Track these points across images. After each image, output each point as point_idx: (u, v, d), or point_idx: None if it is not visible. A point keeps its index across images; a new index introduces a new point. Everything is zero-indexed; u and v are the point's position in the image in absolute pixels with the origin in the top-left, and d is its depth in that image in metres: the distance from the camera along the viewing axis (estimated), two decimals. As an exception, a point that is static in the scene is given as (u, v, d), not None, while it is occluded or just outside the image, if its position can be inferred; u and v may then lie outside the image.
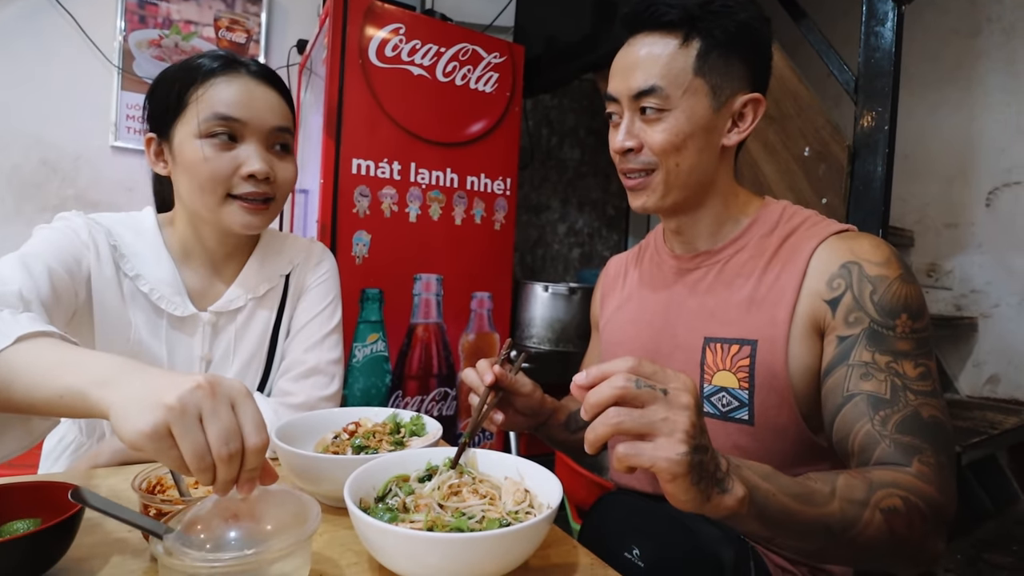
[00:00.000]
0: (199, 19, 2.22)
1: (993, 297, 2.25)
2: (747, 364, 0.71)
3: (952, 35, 2.39)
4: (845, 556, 0.58)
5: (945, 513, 0.57)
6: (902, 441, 0.59)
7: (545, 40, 2.27)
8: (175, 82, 0.81)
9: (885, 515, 0.54)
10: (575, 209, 2.99)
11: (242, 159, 0.80)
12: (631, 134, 0.74)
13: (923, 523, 0.55)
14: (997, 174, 2.26)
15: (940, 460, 0.59)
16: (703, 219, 0.79)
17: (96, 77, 2.08)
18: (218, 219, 0.82)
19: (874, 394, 0.62)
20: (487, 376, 0.73)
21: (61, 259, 0.75)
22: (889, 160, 1.37)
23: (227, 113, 0.79)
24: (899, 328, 0.64)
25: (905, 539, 0.54)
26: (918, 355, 0.64)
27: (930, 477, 0.57)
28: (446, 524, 0.52)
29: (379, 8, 1.81)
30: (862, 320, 0.65)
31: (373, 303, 1.83)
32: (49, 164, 2.03)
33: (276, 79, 0.86)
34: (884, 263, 0.67)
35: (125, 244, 0.83)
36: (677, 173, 0.74)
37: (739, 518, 0.50)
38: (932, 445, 0.59)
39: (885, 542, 0.54)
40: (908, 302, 0.65)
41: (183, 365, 0.86)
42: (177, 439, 0.43)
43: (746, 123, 0.75)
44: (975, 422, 1.86)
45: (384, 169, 1.83)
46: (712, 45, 0.71)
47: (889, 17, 1.36)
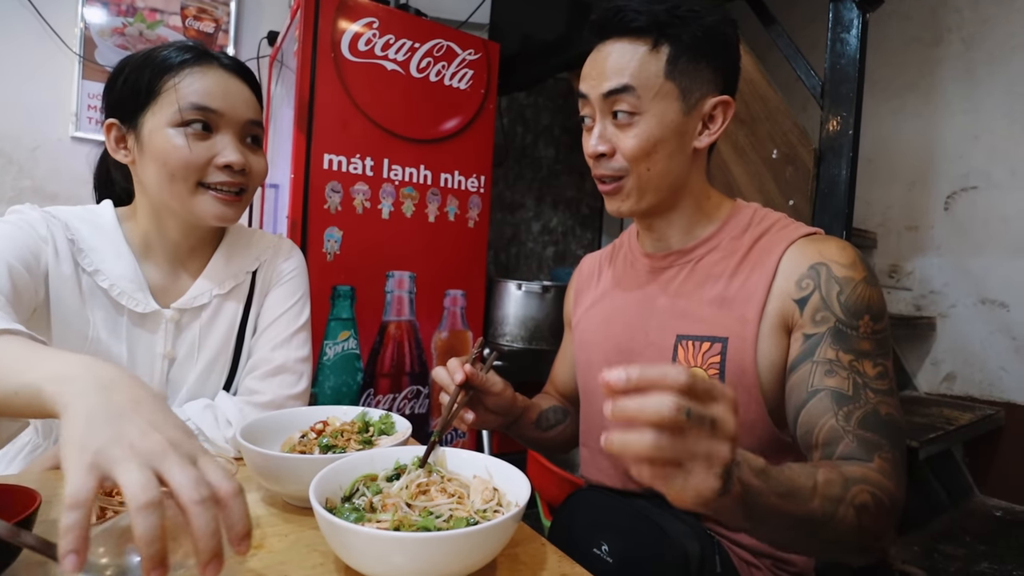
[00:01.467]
0: (165, 7, 2.15)
1: (950, 298, 2.33)
2: (718, 361, 0.72)
3: (914, 43, 2.47)
4: (813, 547, 0.61)
5: (900, 506, 0.59)
6: (864, 437, 0.61)
7: (520, 38, 2.27)
8: (144, 69, 0.79)
9: (857, 510, 0.55)
10: (549, 207, 3.00)
11: (217, 149, 0.80)
12: (604, 138, 0.75)
13: (887, 517, 0.57)
14: (955, 179, 2.34)
15: (895, 456, 0.61)
16: (676, 220, 0.81)
17: (56, 65, 2.01)
18: (188, 209, 0.81)
19: (838, 390, 0.64)
20: (457, 375, 0.73)
21: (20, 255, 0.73)
22: (853, 164, 1.41)
23: (204, 103, 0.78)
24: (862, 328, 0.67)
25: (869, 532, 0.56)
26: (877, 355, 0.67)
27: (890, 473, 0.60)
28: (413, 524, 0.52)
29: (352, 1, 1.78)
30: (828, 319, 0.67)
31: (344, 300, 1.81)
32: (4, 155, 1.95)
33: (248, 73, 0.86)
34: (850, 265, 0.70)
35: (83, 238, 0.80)
36: (648, 178, 0.75)
37: (725, 512, 0.47)
38: (890, 441, 0.62)
39: (852, 535, 0.56)
40: (871, 304, 0.68)
41: (144, 363, 0.83)
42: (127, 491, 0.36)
43: (716, 125, 0.76)
44: (932, 418, 1.93)
45: (356, 165, 1.80)
46: (681, 50, 0.72)
47: (855, 24, 1.40)
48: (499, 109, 2.53)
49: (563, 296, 0.99)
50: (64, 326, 0.78)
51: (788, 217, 0.79)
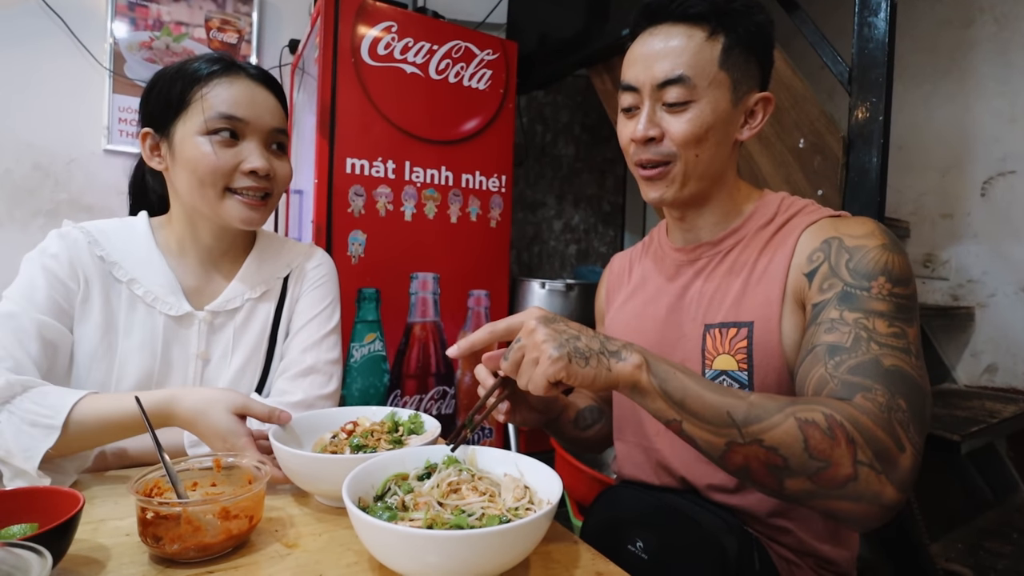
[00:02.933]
0: (190, 20, 2.20)
1: (990, 286, 2.25)
2: (745, 346, 0.71)
3: (945, 25, 2.39)
4: (760, 463, 0.54)
5: (891, 456, 0.53)
6: (850, 381, 0.57)
7: (538, 36, 2.26)
8: (176, 81, 0.83)
9: (800, 422, 0.52)
10: (571, 205, 2.98)
11: (243, 156, 0.83)
12: (653, 123, 0.74)
13: (852, 448, 0.51)
14: (991, 163, 2.26)
15: (893, 403, 0.55)
16: (708, 212, 0.80)
17: (87, 80, 2.07)
18: (216, 213, 0.84)
19: (834, 344, 0.60)
20: None
21: (49, 307, 0.77)
22: (884, 151, 1.37)
23: (231, 112, 0.81)
24: (875, 290, 0.63)
25: (826, 456, 0.51)
26: (894, 317, 0.61)
27: (871, 411, 0.54)
28: (446, 522, 0.52)
29: (371, 6, 1.80)
30: (836, 285, 0.65)
31: (370, 303, 1.82)
32: (42, 169, 2.02)
33: (273, 82, 0.89)
34: (865, 236, 0.67)
35: (115, 250, 0.84)
36: (696, 164, 0.74)
37: (645, 392, 0.56)
38: (885, 387, 0.56)
39: (801, 453, 0.51)
40: (888, 267, 0.64)
41: (179, 363, 0.86)
42: None
43: (756, 120, 0.77)
44: (974, 411, 1.86)
45: (378, 168, 1.82)
46: (735, 41, 0.72)
47: (882, 8, 1.36)
48: (518, 108, 2.53)
49: (587, 293, 0.98)
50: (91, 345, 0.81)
51: (816, 203, 0.77)
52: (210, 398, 0.70)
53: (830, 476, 0.52)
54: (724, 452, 0.55)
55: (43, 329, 0.75)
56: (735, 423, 0.54)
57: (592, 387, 0.56)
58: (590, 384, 0.55)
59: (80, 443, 0.69)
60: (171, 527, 0.53)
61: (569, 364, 0.54)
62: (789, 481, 0.54)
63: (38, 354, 0.74)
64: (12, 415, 0.67)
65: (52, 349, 0.76)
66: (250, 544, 0.57)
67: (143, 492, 0.56)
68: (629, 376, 0.56)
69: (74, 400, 0.68)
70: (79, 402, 0.68)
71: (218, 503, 0.54)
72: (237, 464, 0.63)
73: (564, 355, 0.54)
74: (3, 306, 0.75)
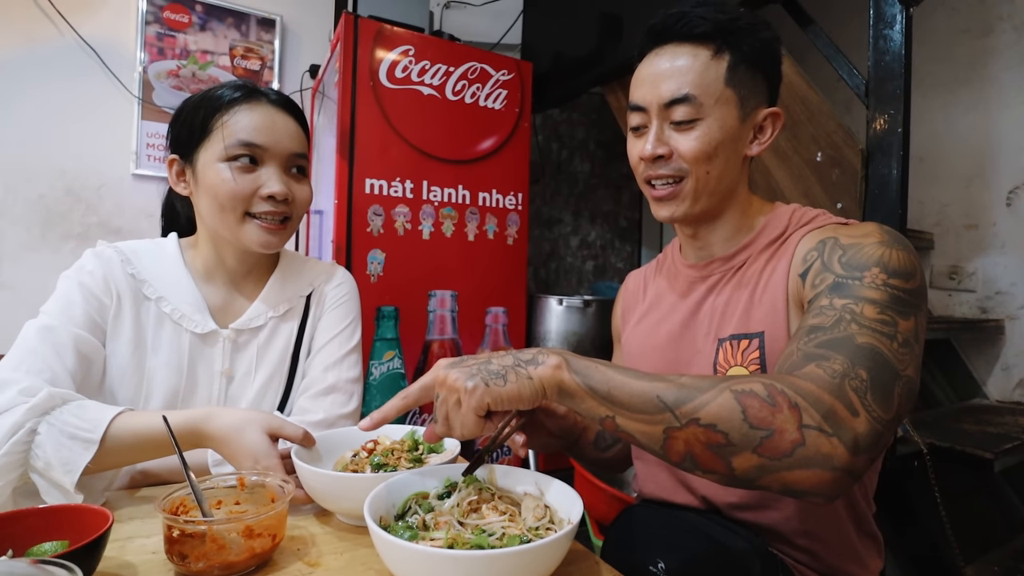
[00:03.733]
0: (215, 48, 2.28)
1: (1019, 298, 2.20)
2: (757, 356, 0.71)
3: (963, 35, 2.37)
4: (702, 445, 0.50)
5: (841, 418, 0.49)
6: (811, 352, 0.54)
7: (552, 56, 2.29)
8: (200, 109, 0.86)
9: (736, 394, 0.50)
10: (587, 222, 2.99)
11: (262, 181, 0.85)
12: (661, 141, 0.75)
13: (795, 412, 0.48)
14: (1017, 173, 2.22)
15: (850, 371, 0.51)
16: (719, 228, 0.80)
17: (117, 108, 2.15)
18: (237, 237, 0.86)
19: (815, 324, 0.58)
20: None
21: (84, 322, 0.80)
22: (904, 162, 1.36)
23: (249, 139, 0.83)
24: (867, 279, 0.60)
25: (768, 423, 0.48)
26: (887, 306, 0.57)
27: (820, 377, 0.51)
28: (466, 541, 0.52)
29: (388, 31, 1.84)
30: (827, 279, 0.63)
31: (389, 321, 1.84)
32: (73, 193, 2.09)
33: (294, 107, 0.91)
34: (863, 235, 0.66)
35: (146, 269, 0.87)
36: (707, 181, 0.75)
37: (572, 392, 0.54)
38: (848, 359, 0.52)
39: (741, 425, 0.48)
40: (884, 259, 0.61)
41: (204, 380, 0.88)
42: None
43: (766, 135, 0.77)
44: (1007, 428, 1.81)
45: (397, 188, 1.85)
46: (740, 59, 0.73)
47: (897, 20, 1.35)
48: (534, 127, 2.56)
49: (605, 309, 0.98)
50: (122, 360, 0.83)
51: (828, 213, 0.77)
52: (245, 418, 0.70)
53: (776, 444, 0.48)
54: (664, 441, 0.51)
55: (79, 343, 0.77)
56: (667, 406, 0.51)
57: (522, 402, 0.54)
58: (518, 399, 0.54)
59: (115, 459, 0.69)
60: (196, 545, 0.54)
61: (488, 388, 0.53)
62: (736, 459, 0.50)
63: (74, 367, 0.76)
64: (52, 427, 0.67)
65: (87, 363, 0.78)
66: (273, 563, 0.58)
67: (169, 510, 0.57)
68: (551, 377, 0.54)
69: (112, 415, 0.69)
70: (116, 418, 0.69)
71: (242, 522, 0.55)
72: (260, 483, 0.64)
73: (480, 382, 0.54)
74: (41, 320, 0.78)
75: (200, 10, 2.25)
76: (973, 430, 1.71)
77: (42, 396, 0.68)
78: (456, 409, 0.55)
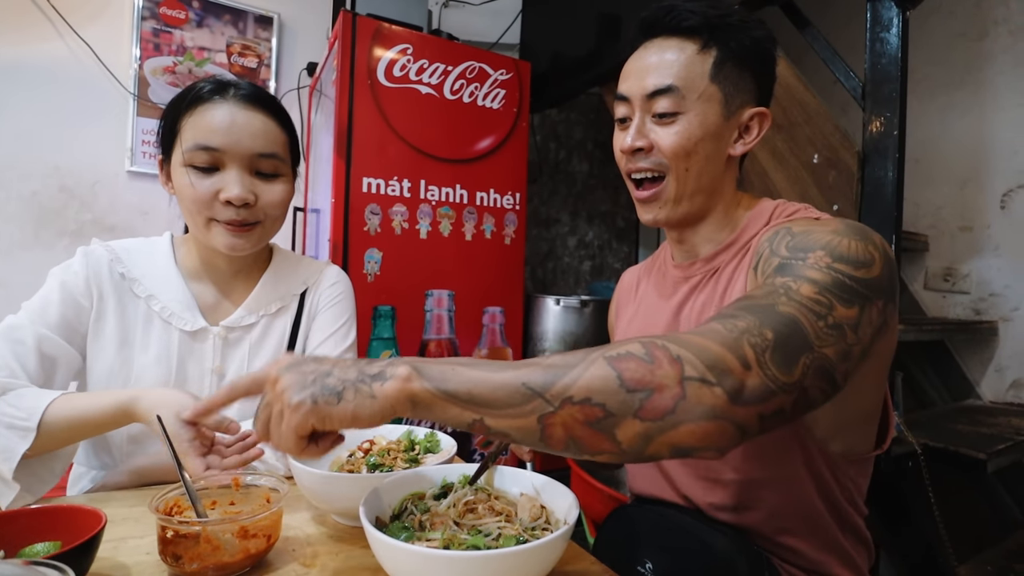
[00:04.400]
0: (212, 45, 2.27)
1: (1013, 300, 2.21)
2: None
3: (959, 39, 2.38)
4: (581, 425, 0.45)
5: (728, 368, 0.45)
6: (721, 313, 0.50)
7: (551, 56, 2.29)
8: (171, 110, 0.84)
9: (610, 359, 0.45)
10: (585, 222, 2.99)
11: (222, 184, 0.81)
12: (641, 134, 0.74)
13: (676, 365, 0.44)
14: (1011, 175, 2.23)
15: (753, 329, 0.47)
16: (703, 229, 0.79)
17: (112, 104, 2.13)
18: (207, 240, 0.85)
19: (742, 297, 0.54)
20: None
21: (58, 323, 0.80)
22: (900, 165, 1.36)
23: (205, 143, 0.80)
24: (810, 260, 0.56)
25: (646, 383, 0.44)
26: (826, 289, 0.53)
27: (715, 331, 0.47)
28: (462, 542, 0.52)
29: (387, 30, 1.84)
30: (772, 263, 0.60)
31: (385, 320, 1.84)
32: (67, 190, 2.08)
33: (268, 102, 0.86)
34: (819, 225, 0.63)
35: (137, 267, 0.87)
36: (686, 179, 0.74)
37: (428, 404, 0.46)
38: (757, 319, 0.48)
39: (617, 390, 0.44)
40: (832, 244, 0.57)
41: (194, 378, 0.87)
42: None
43: (751, 135, 0.76)
44: (1000, 428, 1.82)
45: (394, 187, 1.84)
46: (728, 55, 0.73)
47: (894, 23, 1.36)
48: (532, 126, 2.55)
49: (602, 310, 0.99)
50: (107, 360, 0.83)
51: (810, 207, 0.75)
52: (162, 400, 0.69)
53: (656, 404, 0.44)
54: (540, 431, 0.45)
55: (43, 343, 0.77)
56: (536, 392, 0.45)
57: (358, 423, 0.47)
58: (353, 421, 0.47)
59: (53, 443, 0.71)
60: (191, 546, 0.53)
61: (316, 406, 0.46)
62: (619, 430, 0.44)
63: (35, 367, 0.76)
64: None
65: (51, 363, 0.78)
66: (268, 563, 0.58)
67: (163, 511, 0.57)
68: (399, 391, 0.46)
69: (48, 401, 0.70)
70: (53, 403, 0.70)
71: (237, 522, 0.55)
72: (255, 483, 0.64)
73: (307, 398, 0.47)
74: (13, 318, 0.78)
75: (197, 6, 2.23)
76: (967, 431, 1.72)
77: None
78: (278, 421, 0.49)
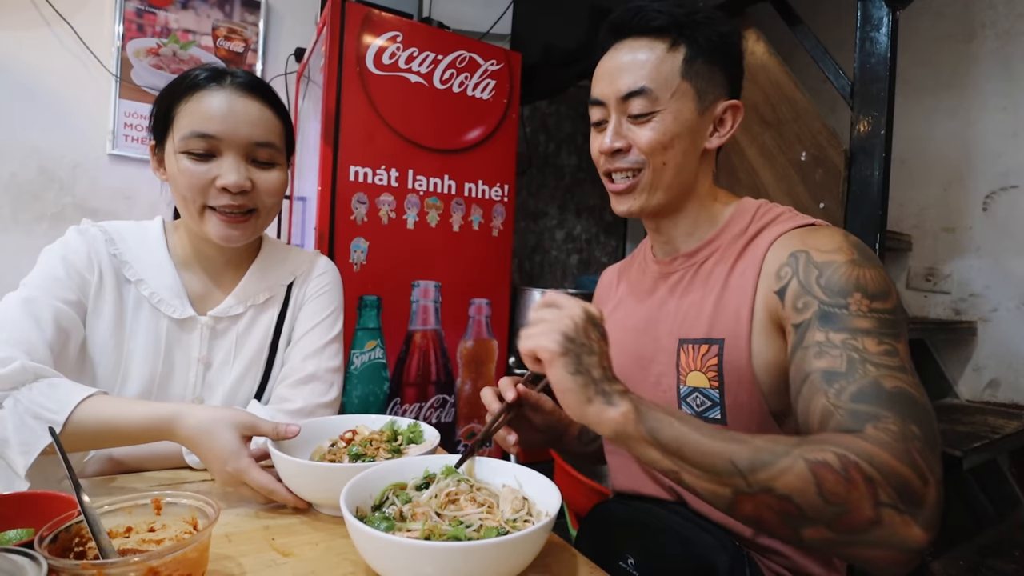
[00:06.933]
0: (197, 28, 2.22)
1: (992, 301, 2.25)
2: (715, 363, 0.70)
3: (947, 40, 2.40)
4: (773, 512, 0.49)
5: (915, 491, 0.48)
6: (856, 410, 0.53)
7: (542, 47, 2.28)
8: (166, 96, 0.83)
9: (811, 464, 0.48)
10: (573, 215, 2.99)
11: (219, 172, 0.81)
12: (619, 135, 0.75)
13: (871, 488, 0.47)
14: (994, 178, 2.26)
15: (907, 431, 0.50)
16: (681, 222, 0.80)
17: (94, 85, 2.09)
18: (200, 229, 0.84)
19: (828, 369, 0.57)
20: (509, 393, 0.71)
21: (65, 295, 0.78)
22: (886, 164, 1.37)
23: (203, 130, 0.80)
24: (853, 306, 0.60)
25: (845, 501, 0.47)
26: (882, 333, 0.58)
27: (887, 443, 0.49)
28: (443, 533, 0.52)
29: (376, 16, 1.81)
30: (811, 304, 0.63)
31: (371, 310, 1.82)
32: (47, 173, 2.03)
33: (264, 91, 0.86)
34: (833, 250, 0.65)
35: (129, 250, 0.86)
36: (663, 172, 0.75)
37: (632, 438, 0.52)
38: (895, 415, 0.52)
39: (815, 498, 0.47)
40: (861, 282, 0.61)
41: (181, 366, 0.86)
42: None
43: (726, 128, 0.77)
44: (976, 427, 1.85)
45: (382, 176, 1.83)
46: (697, 52, 0.73)
47: (884, 23, 1.37)
48: (521, 118, 2.54)
49: (589, 303, 0.99)
50: (102, 339, 0.81)
51: (794, 211, 0.76)
52: (215, 418, 0.67)
53: (849, 521, 0.47)
54: (731, 502, 0.51)
55: (59, 316, 0.76)
56: (739, 471, 0.49)
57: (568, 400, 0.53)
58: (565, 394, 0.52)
59: (75, 444, 0.67)
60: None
61: (562, 355, 0.53)
62: (806, 530, 0.49)
63: (53, 339, 0.74)
64: (18, 403, 0.65)
65: (65, 336, 0.76)
66: (245, 551, 0.57)
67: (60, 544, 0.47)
68: (613, 423, 0.52)
69: (80, 398, 0.66)
70: (84, 401, 0.66)
71: (144, 564, 0.44)
72: (177, 502, 0.55)
73: (559, 345, 0.53)
74: (22, 292, 0.76)
75: (182, -12, 2.19)
76: (943, 429, 1.75)
77: (13, 368, 0.66)
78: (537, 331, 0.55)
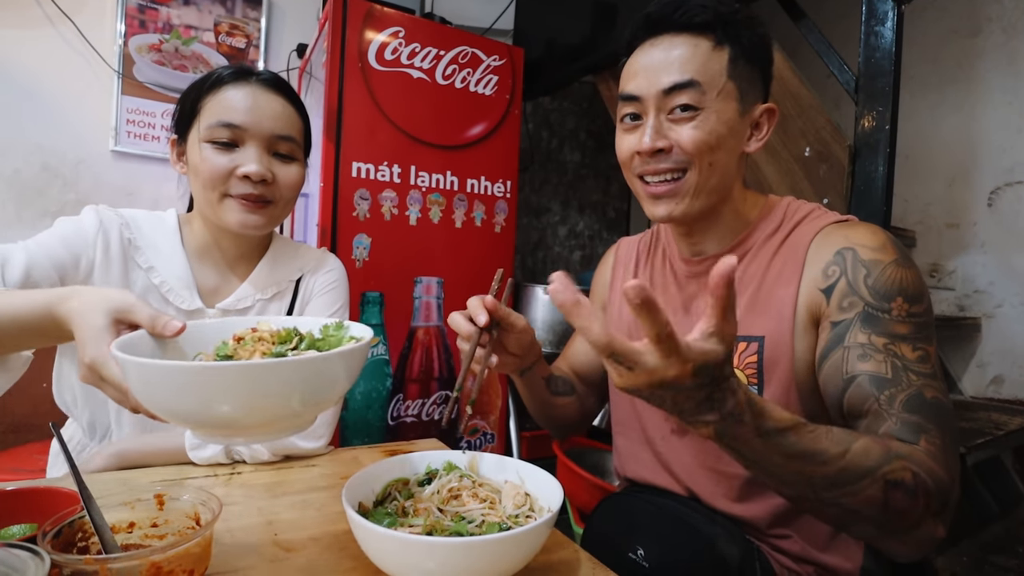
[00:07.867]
0: (199, 24, 2.22)
1: (996, 297, 2.24)
2: (755, 361, 0.70)
3: (952, 35, 2.39)
4: (830, 517, 0.56)
5: (948, 495, 0.54)
6: (909, 420, 0.57)
7: (544, 43, 2.27)
8: (192, 91, 0.87)
9: (889, 486, 0.52)
10: (575, 211, 2.98)
11: (240, 161, 0.84)
12: (660, 134, 0.71)
13: (926, 501, 0.53)
14: (999, 174, 2.25)
15: (945, 442, 0.57)
16: (714, 226, 0.78)
17: (96, 82, 2.09)
18: (218, 216, 0.86)
19: (875, 374, 0.60)
20: (481, 316, 0.67)
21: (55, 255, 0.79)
22: (890, 160, 1.37)
23: (228, 119, 0.84)
24: (895, 311, 0.63)
25: (901, 514, 0.52)
26: (916, 339, 0.62)
27: (938, 457, 0.55)
28: (445, 528, 0.52)
29: (378, 12, 1.81)
30: (856, 304, 0.64)
31: (374, 306, 1.83)
32: (50, 169, 2.04)
33: (286, 88, 0.91)
34: (879, 248, 0.66)
35: (143, 237, 0.88)
36: (709, 175, 0.72)
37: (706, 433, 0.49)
38: (937, 426, 0.57)
39: (877, 511, 0.52)
40: (904, 285, 0.64)
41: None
42: None
43: (762, 132, 0.76)
44: (979, 423, 1.85)
45: (384, 172, 1.82)
46: (740, 52, 0.72)
47: (889, 17, 1.36)
48: (524, 114, 2.53)
49: (592, 299, 0.98)
50: None
51: (822, 207, 0.76)
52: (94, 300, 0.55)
53: (899, 526, 0.53)
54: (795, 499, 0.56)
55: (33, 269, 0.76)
56: (814, 490, 0.52)
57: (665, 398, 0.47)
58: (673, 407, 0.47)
59: None
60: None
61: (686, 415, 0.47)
62: (856, 527, 0.56)
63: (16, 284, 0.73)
64: None
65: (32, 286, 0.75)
66: (247, 546, 0.57)
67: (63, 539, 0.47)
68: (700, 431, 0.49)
69: None
70: None
71: (147, 559, 0.45)
72: (179, 497, 0.54)
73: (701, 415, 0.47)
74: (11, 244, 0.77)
75: (184, -16, 2.18)
76: (947, 425, 1.74)
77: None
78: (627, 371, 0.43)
